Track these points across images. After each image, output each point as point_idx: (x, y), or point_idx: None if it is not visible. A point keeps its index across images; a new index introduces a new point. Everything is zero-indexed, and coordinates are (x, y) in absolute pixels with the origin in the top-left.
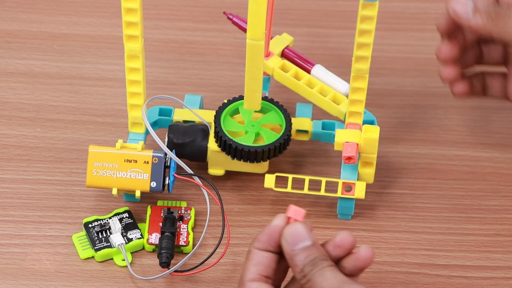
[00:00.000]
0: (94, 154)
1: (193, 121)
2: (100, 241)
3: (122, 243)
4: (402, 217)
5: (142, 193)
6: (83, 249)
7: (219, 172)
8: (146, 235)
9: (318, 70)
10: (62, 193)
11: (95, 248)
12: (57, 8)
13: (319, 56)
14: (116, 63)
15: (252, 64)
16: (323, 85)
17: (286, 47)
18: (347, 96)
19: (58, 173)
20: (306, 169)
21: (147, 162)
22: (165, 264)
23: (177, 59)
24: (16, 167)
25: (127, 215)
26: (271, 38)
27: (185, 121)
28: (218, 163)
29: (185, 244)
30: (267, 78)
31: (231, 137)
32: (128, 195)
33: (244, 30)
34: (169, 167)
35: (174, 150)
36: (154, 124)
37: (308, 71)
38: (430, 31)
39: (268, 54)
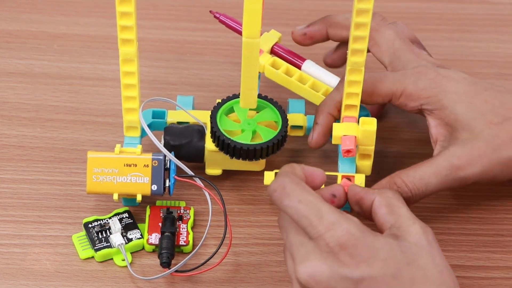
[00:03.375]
0: (93, 160)
1: (187, 122)
2: (100, 241)
3: (122, 243)
4: None
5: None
6: (83, 249)
7: (217, 172)
8: (145, 235)
9: (309, 65)
10: (62, 193)
11: (95, 248)
12: (57, 8)
13: (318, 56)
14: (116, 63)
15: (248, 62)
16: (315, 80)
17: (275, 44)
18: None
19: (58, 173)
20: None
21: (147, 166)
22: (166, 264)
23: (177, 59)
24: (16, 167)
25: (127, 215)
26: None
27: (179, 123)
28: (216, 162)
29: (185, 243)
30: (258, 76)
31: (229, 136)
32: (127, 199)
33: (232, 28)
34: (169, 169)
35: (173, 152)
36: (148, 127)
37: (299, 67)
38: (430, 31)
39: None
